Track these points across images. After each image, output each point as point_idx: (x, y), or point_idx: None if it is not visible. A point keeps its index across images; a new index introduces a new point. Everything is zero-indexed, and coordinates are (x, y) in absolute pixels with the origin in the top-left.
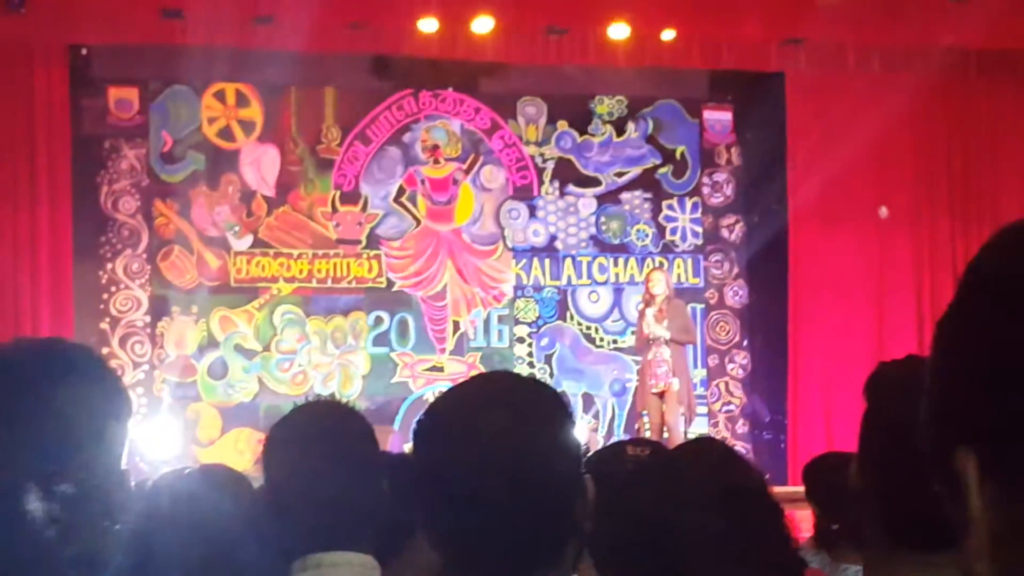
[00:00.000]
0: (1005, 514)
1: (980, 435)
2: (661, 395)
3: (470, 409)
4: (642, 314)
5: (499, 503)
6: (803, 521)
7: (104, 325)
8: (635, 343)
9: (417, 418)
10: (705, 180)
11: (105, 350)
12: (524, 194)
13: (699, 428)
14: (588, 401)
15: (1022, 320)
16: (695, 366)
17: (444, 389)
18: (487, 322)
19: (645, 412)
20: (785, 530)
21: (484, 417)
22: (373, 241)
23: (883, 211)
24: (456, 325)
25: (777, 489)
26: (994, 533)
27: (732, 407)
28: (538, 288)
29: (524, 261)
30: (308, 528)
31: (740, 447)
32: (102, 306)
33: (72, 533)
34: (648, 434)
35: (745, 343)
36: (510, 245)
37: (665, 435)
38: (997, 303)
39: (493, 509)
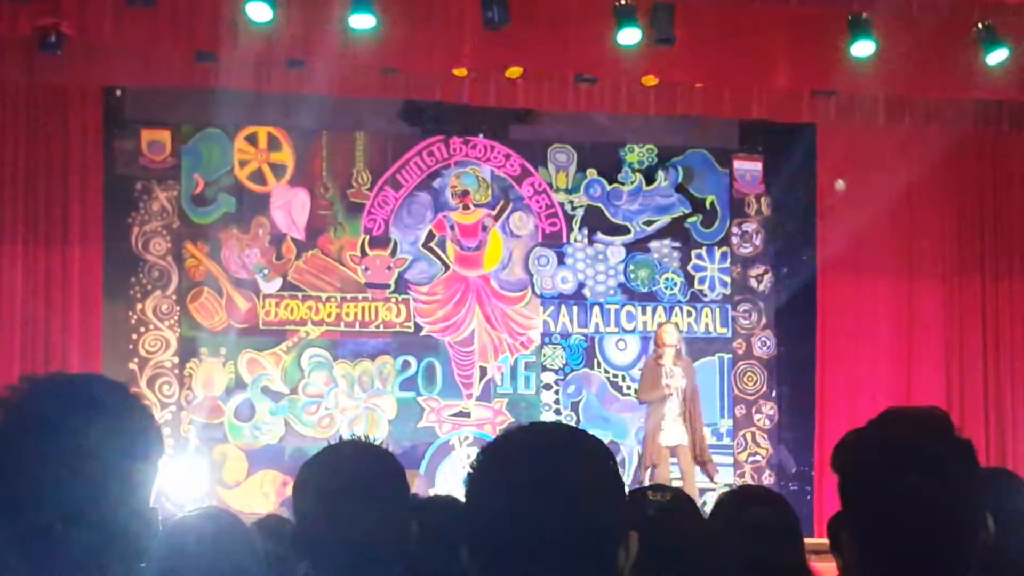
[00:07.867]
0: None
1: None
2: (672, 449)
3: (529, 460)
4: (659, 365)
5: (554, 554)
6: (828, 574)
7: (133, 365)
8: (644, 395)
9: (471, 465)
10: (734, 230)
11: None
12: (553, 241)
13: (724, 478)
14: (613, 449)
15: None
16: (722, 416)
17: (470, 435)
18: (514, 368)
19: (653, 467)
20: None
21: (543, 469)
22: (402, 285)
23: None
24: (483, 371)
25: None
26: None
27: (758, 458)
28: (565, 335)
29: (552, 308)
30: (336, 567)
31: None
32: (131, 346)
33: (96, 575)
34: None
35: (772, 393)
36: (538, 292)
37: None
38: None
39: (548, 558)
